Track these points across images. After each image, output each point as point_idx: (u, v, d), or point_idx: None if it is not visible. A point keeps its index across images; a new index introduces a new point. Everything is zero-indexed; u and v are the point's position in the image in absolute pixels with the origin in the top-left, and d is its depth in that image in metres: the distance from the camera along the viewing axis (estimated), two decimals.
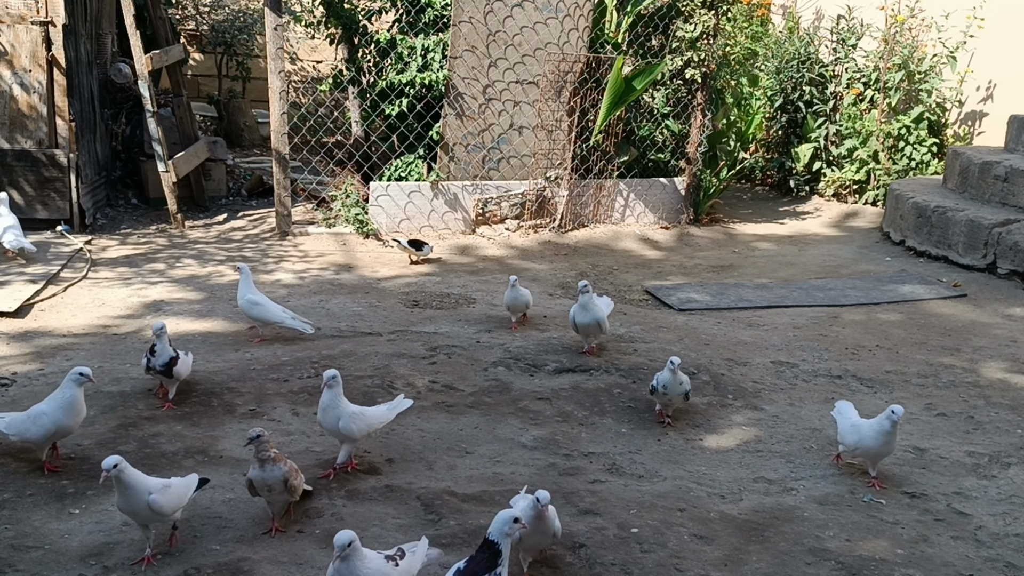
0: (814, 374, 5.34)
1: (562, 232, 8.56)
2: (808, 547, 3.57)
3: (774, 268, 7.73)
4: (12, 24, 7.56)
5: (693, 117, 8.95)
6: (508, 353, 5.40)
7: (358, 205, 8.27)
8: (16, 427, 3.85)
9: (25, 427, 3.83)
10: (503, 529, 2.75)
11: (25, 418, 3.86)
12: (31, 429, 3.82)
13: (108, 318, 5.92)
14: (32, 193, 7.77)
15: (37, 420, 3.83)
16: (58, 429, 3.85)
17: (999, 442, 4.54)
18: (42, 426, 3.82)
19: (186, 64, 10.97)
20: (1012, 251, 7.12)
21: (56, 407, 3.86)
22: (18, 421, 3.87)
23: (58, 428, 3.85)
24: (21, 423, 3.85)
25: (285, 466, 3.41)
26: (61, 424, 3.85)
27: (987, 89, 9.75)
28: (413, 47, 8.48)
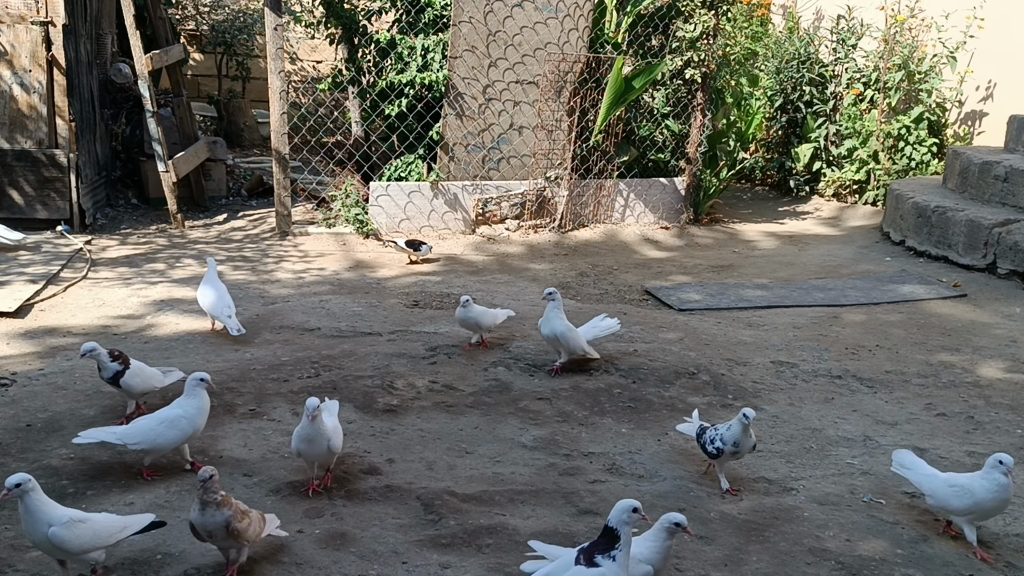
0: (814, 374, 5.34)
1: (562, 232, 8.56)
2: (808, 547, 3.57)
3: (774, 268, 7.73)
4: (12, 24, 7.56)
5: (693, 117, 8.95)
6: (508, 353, 5.40)
7: (358, 205, 8.27)
8: (141, 435, 3.83)
9: (158, 433, 3.83)
10: (622, 517, 2.88)
11: (156, 424, 3.85)
12: (166, 434, 3.83)
13: (108, 318, 5.92)
14: (32, 193, 7.77)
15: (176, 424, 3.85)
16: (193, 432, 3.92)
17: (999, 442, 4.54)
18: (181, 430, 3.86)
19: (186, 64, 10.98)
20: (1012, 251, 7.12)
21: (194, 411, 3.91)
22: (145, 429, 3.85)
23: (194, 431, 3.92)
24: (152, 431, 3.83)
25: (229, 510, 3.11)
26: (197, 427, 3.93)
27: (987, 89, 9.75)
28: (413, 47, 8.48)
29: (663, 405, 4.86)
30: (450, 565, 3.35)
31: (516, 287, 7.01)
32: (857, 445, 4.47)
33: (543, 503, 3.82)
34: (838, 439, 4.53)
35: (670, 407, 4.84)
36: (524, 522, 3.67)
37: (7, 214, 7.75)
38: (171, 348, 5.40)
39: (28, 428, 4.29)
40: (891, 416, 4.81)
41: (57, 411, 4.46)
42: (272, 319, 5.97)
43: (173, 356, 5.27)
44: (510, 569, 3.35)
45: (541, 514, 3.73)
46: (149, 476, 3.89)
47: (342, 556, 3.35)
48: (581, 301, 6.73)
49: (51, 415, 4.42)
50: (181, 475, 3.93)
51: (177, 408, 3.92)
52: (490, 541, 3.52)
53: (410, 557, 3.38)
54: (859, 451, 4.41)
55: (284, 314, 6.08)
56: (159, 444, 3.83)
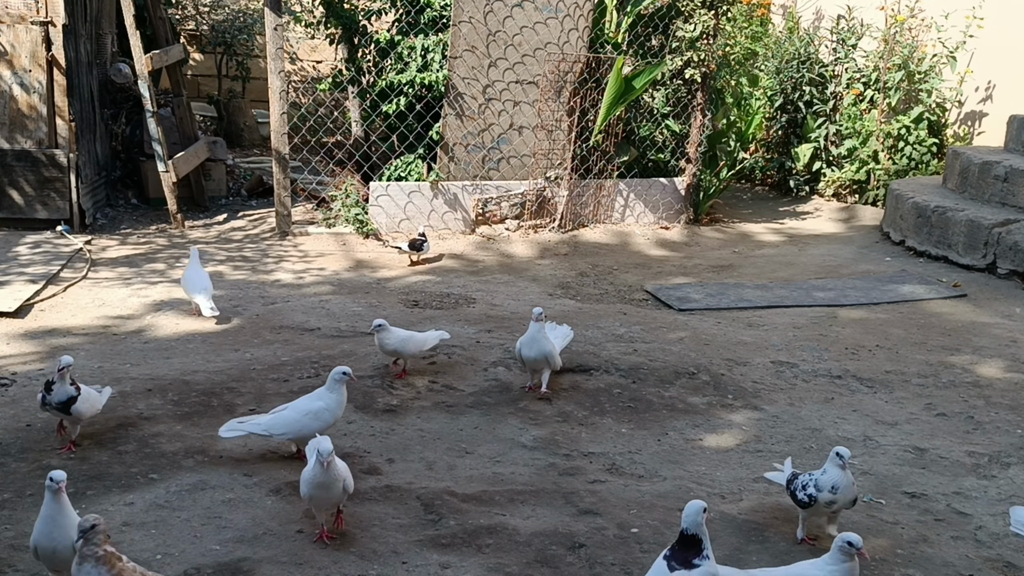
0: (814, 374, 5.34)
1: (562, 232, 8.56)
2: (808, 547, 3.57)
3: (774, 268, 7.73)
4: (12, 24, 7.55)
5: (693, 117, 8.95)
6: (508, 353, 5.40)
7: (358, 205, 8.27)
8: (287, 427, 3.97)
9: (303, 424, 3.95)
10: (696, 520, 2.87)
11: (302, 416, 3.97)
12: (310, 425, 3.94)
13: (108, 318, 5.92)
14: (32, 193, 7.77)
15: (319, 416, 3.97)
16: (334, 421, 4.05)
17: (999, 442, 4.54)
18: (324, 421, 3.99)
19: (186, 64, 10.97)
20: (1012, 251, 7.11)
21: (335, 405, 4.03)
22: (290, 421, 3.97)
23: (334, 420, 4.05)
24: (297, 422, 3.96)
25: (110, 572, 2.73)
26: (337, 419, 4.07)
27: (987, 89, 9.75)
28: (413, 47, 8.48)
29: (663, 405, 4.86)
30: (450, 565, 3.35)
31: (516, 287, 7.02)
32: (857, 445, 4.47)
33: (543, 503, 3.82)
34: (838, 439, 4.53)
35: (670, 407, 4.84)
36: (524, 522, 3.67)
37: (7, 214, 7.75)
38: (171, 348, 5.40)
39: (28, 428, 4.29)
40: (891, 416, 4.82)
41: None
42: (272, 319, 5.97)
43: (173, 356, 5.27)
44: (510, 569, 3.35)
45: (541, 514, 3.74)
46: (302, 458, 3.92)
47: (342, 556, 3.35)
48: (581, 301, 6.74)
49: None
50: (181, 475, 3.94)
51: (319, 400, 4.03)
52: (490, 541, 3.52)
53: (410, 557, 3.38)
54: (859, 451, 4.41)
55: (284, 314, 6.08)
56: (304, 434, 3.93)
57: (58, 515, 2.97)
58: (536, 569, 3.36)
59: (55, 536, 2.97)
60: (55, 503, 2.98)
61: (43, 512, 3.00)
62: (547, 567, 3.38)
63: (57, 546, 2.97)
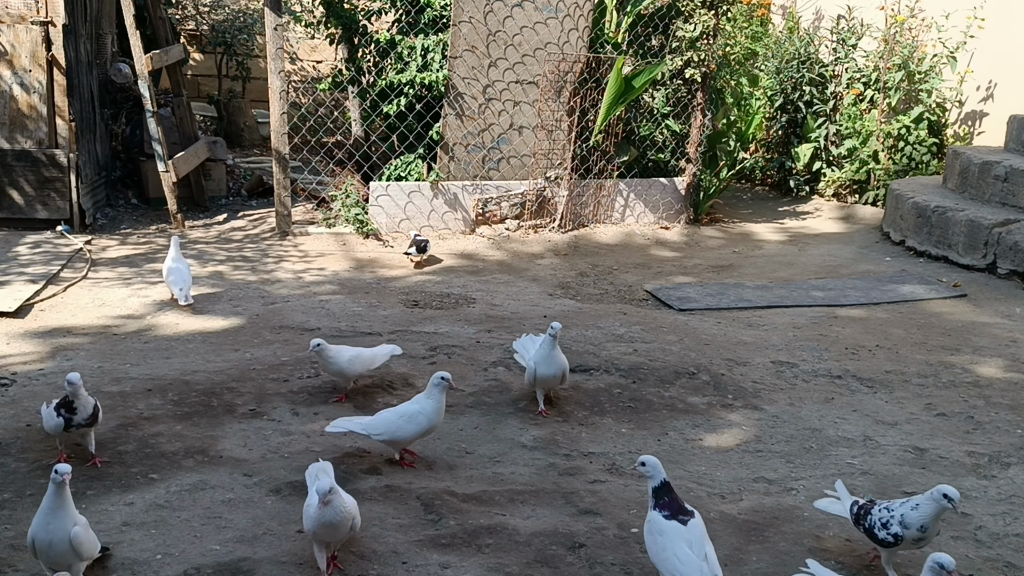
0: (814, 374, 5.34)
1: (562, 232, 8.56)
2: (808, 547, 3.57)
3: (774, 268, 7.73)
4: (12, 24, 7.55)
5: (693, 117, 8.95)
6: (508, 353, 5.39)
7: (358, 205, 8.27)
8: (384, 427, 4.01)
9: (397, 426, 3.99)
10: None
11: (397, 418, 4.01)
12: (405, 428, 3.99)
13: (108, 318, 5.92)
14: (32, 193, 7.77)
15: (414, 419, 4.00)
16: (429, 428, 4.05)
17: (999, 442, 4.54)
18: (419, 425, 4.00)
19: (186, 64, 10.97)
20: (1012, 251, 7.11)
21: (432, 409, 4.03)
22: (387, 422, 4.02)
23: (430, 427, 4.05)
24: (393, 423, 4.00)
25: None
26: (433, 424, 4.06)
27: (987, 89, 9.75)
28: (413, 47, 8.48)
29: (663, 405, 4.86)
30: (450, 565, 3.35)
31: (516, 287, 7.02)
32: (857, 445, 4.47)
33: (543, 503, 3.82)
34: (838, 439, 4.53)
35: (670, 407, 4.84)
36: (524, 522, 3.67)
37: (7, 214, 7.75)
38: (171, 348, 5.40)
39: (28, 428, 4.29)
40: (891, 416, 4.82)
41: None
42: (272, 319, 5.98)
43: (173, 356, 5.27)
44: (510, 569, 3.35)
45: (541, 514, 3.74)
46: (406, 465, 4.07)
47: (342, 556, 3.35)
48: (581, 301, 6.74)
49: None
50: (181, 475, 3.94)
51: (416, 405, 4.06)
52: (490, 541, 3.52)
53: (410, 557, 3.38)
54: (859, 451, 4.41)
55: (284, 314, 6.08)
56: (399, 436, 4.00)
57: (58, 508, 2.99)
58: (536, 569, 3.36)
59: (52, 529, 2.98)
60: (57, 496, 3.00)
61: (43, 504, 3.02)
62: (547, 567, 3.38)
63: (53, 539, 2.98)
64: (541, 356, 4.60)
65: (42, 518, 3.01)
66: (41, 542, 3.00)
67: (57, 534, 2.98)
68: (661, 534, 3.10)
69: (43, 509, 3.02)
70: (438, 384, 4.05)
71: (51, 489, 3.01)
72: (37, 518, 3.03)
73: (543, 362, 4.59)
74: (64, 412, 3.90)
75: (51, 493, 3.01)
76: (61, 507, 3.00)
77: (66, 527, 2.98)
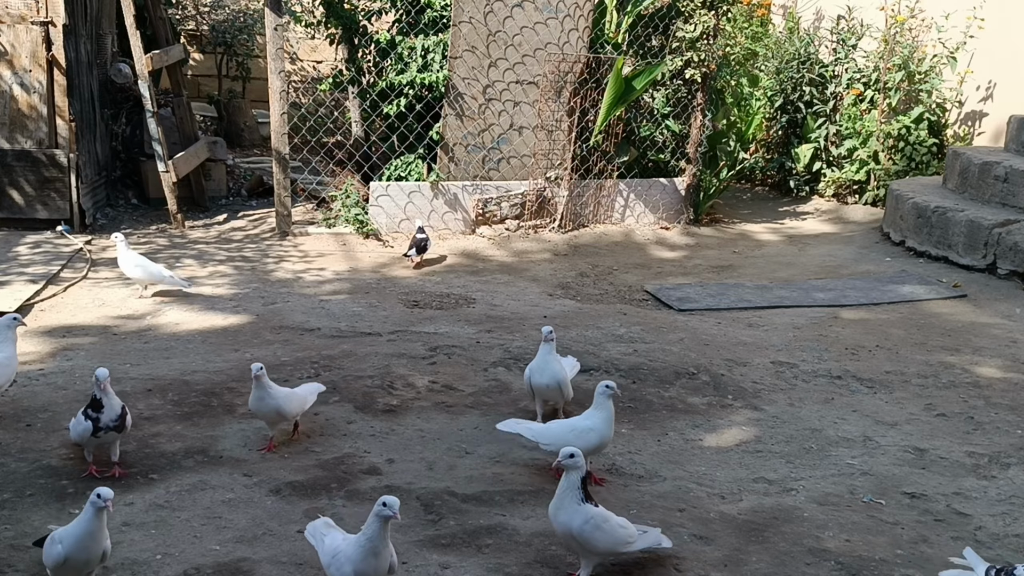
0: (814, 374, 5.34)
1: (562, 232, 8.56)
2: (808, 547, 3.57)
3: (774, 268, 7.73)
4: (12, 24, 7.56)
5: (693, 117, 8.95)
6: (508, 353, 5.40)
7: (358, 205, 8.27)
8: (553, 438, 3.88)
9: (565, 440, 3.77)
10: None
11: (568, 432, 3.88)
12: (573, 443, 3.67)
13: (108, 318, 5.92)
14: (32, 193, 7.77)
15: (583, 435, 3.85)
16: (600, 444, 3.92)
17: (999, 442, 4.54)
18: (588, 442, 3.83)
19: (186, 64, 10.97)
20: (1012, 251, 7.11)
21: (602, 424, 3.90)
22: (558, 435, 3.89)
23: (601, 443, 3.92)
24: (563, 437, 3.83)
25: None
26: (605, 440, 3.93)
27: (987, 89, 9.75)
28: (413, 47, 8.48)
29: (663, 405, 4.86)
30: (450, 565, 3.35)
31: (516, 287, 7.02)
32: (857, 445, 4.47)
33: (543, 503, 3.81)
34: (838, 439, 4.53)
35: (670, 407, 4.84)
36: (524, 522, 3.67)
37: (7, 214, 7.75)
38: (171, 348, 5.40)
39: (28, 428, 4.30)
40: (891, 416, 4.82)
41: (57, 411, 4.46)
42: (272, 319, 5.98)
43: (173, 356, 5.27)
44: (510, 569, 3.35)
45: (541, 514, 3.73)
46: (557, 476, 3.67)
47: None
48: (581, 301, 6.74)
49: (51, 415, 4.42)
50: (181, 475, 3.94)
51: (587, 420, 3.92)
52: (490, 541, 3.53)
53: (410, 557, 3.38)
54: (859, 451, 4.41)
55: (284, 314, 6.08)
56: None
57: (98, 532, 2.99)
58: (536, 569, 3.36)
59: (92, 551, 3.00)
60: (97, 520, 2.97)
61: (84, 527, 2.97)
62: (547, 567, 3.38)
63: (91, 558, 3.02)
64: (536, 364, 4.39)
65: (84, 541, 2.97)
66: (77, 562, 3.00)
67: (95, 554, 3.02)
68: (606, 520, 3.24)
69: (84, 532, 2.97)
70: (603, 392, 3.88)
71: (91, 512, 2.96)
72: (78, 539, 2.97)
73: (537, 370, 4.38)
74: (91, 412, 3.74)
75: (91, 516, 2.96)
76: (100, 530, 2.99)
77: (104, 548, 3.04)
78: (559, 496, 3.25)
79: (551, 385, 4.37)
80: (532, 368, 4.41)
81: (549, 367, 4.35)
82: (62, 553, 2.97)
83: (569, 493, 3.22)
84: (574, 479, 3.22)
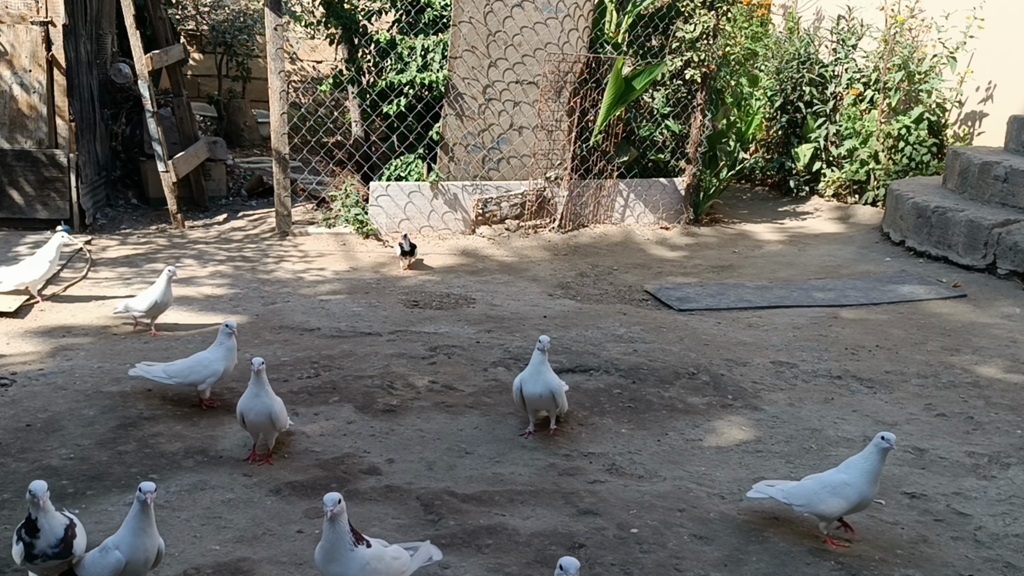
0: (814, 374, 5.34)
1: (562, 232, 8.56)
2: (808, 547, 3.57)
3: (774, 268, 7.73)
4: (12, 24, 7.56)
5: (693, 117, 8.95)
6: (508, 353, 5.40)
7: (358, 205, 8.27)
8: (806, 498, 3.55)
9: (820, 498, 3.52)
10: None
11: (820, 488, 3.54)
12: (829, 501, 3.51)
13: (108, 318, 5.92)
14: (32, 193, 7.77)
15: (838, 491, 3.50)
16: (861, 502, 3.53)
17: (999, 442, 4.54)
18: (846, 497, 3.49)
19: (186, 64, 10.97)
20: (1012, 251, 7.11)
21: (861, 477, 3.51)
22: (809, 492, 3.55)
23: (861, 501, 3.52)
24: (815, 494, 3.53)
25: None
26: (864, 496, 3.52)
27: (987, 89, 9.75)
28: (413, 47, 8.48)
29: (663, 405, 4.86)
30: (450, 565, 3.35)
31: (516, 287, 7.02)
32: (857, 445, 4.47)
33: (543, 503, 3.82)
34: (838, 439, 4.53)
35: (670, 407, 4.84)
36: (524, 522, 3.67)
37: (7, 214, 7.75)
38: (171, 348, 5.40)
39: (28, 428, 4.29)
40: (891, 416, 4.82)
41: (57, 411, 4.46)
42: (272, 319, 5.98)
43: (172, 356, 5.26)
44: (510, 569, 3.35)
45: (541, 514, 3.74)
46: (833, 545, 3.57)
47: None
48: (581, 301, 6.74)
49: (51, 415, 4.42)
50: (181, 475, 3.94)
51: (843, 474, 3.54)
52: (490, 541, 3.53)
53: None
54: (859, 451, 4.41)
55: (284, 314, 6.08)
56: (820, 510, 3.53)
57: (148, 527, 2.97)
58: (536, 569, 3.36)
59: (148, 548, 2.98)
60: (145, 516, 2.96)
61: (134, 525, 2.96)
62: (547, 567, 3.38)
63: (149, 556, 3.00)
64: (528, 374, 4.28)
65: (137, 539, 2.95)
66: (137, 563, 2.97)
67: (151, 552, 2.99)
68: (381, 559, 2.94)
69: (135, 529, 2.95)
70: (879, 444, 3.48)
71: (136, 510, 2.95)
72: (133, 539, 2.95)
73: (529, 380, 4.26)
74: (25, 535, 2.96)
75: (138, 514, 2.96)
76: (150, 524, 2.98)
77: (158, 542, 3.02)
78: (329, 544, 2.90)
79: (543, 395, 4.27)
80: (524, 378, 4.29)
81: (542, 376, 4.25)
82: (121, 559, 2.93)
83: (339, 541, 2.89)
84: (343, 524, 2.88)
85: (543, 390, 4.27)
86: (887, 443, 3.48)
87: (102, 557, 2.97)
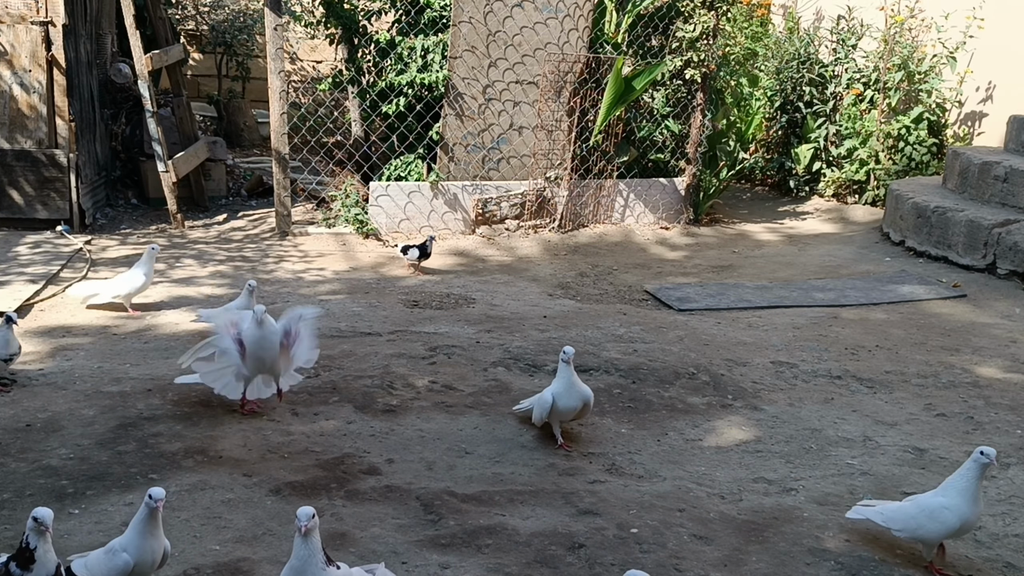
0: (814, 374, 5.34)
1: (562, 232, 8.56)
2: (808, 547, 3.57)
3: (774, 268, 7.73)
4: (12, 24, 7.55)
5: (693, 117, 8.95)
6: (508, 353, 5.40)
7: (358, 205, 8.27)
8: (904, 523, 3.42)
9: (919, 523, 3.38)
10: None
11: (918, 512, 3.40)
12: (926, 525, 3.37)
13: (108, 318, 5.92)
14: (32, 193, 7.77)
15: (936, 516, 3.34)
16: (962, 526, 3.34)
17: (999, 442, 4.54)
18: (943, 522, 3.33)
19: (186, 64, 10.97)
20: (1012, 251, 7.11)
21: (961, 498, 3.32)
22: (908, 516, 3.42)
23: (962, 524, 3.33)
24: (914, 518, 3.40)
25: None
26: (966, 520, 3.33)
27: (987, 89, 9.75)
28: (413, 47, 8.48)
29: (663, 405, 4.86)
30: (450, 565, 3.35)
31: (516, 287, 7.02)
32: (857, 445, 4.47)
33: (543, 503, 3.83)
34: (838, 439, 4.53)
35: (670, 407, 4.84)
36: (524, 522, 3.67)
37: (7, 214, 7.75)
38: (171, 348, 5.40)
39: (28, 428, 4.29)
40: (891, 416, 4.82)
41: (57, 411, 4.46)
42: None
43: (173, 356, 5.26)
44: (510, 569, 3.35)
45: (541, 514, 3.74)
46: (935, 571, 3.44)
47: (342, 556, 3.35)
48: (581, 301, 6.74)
49: (51, 415, 4.42)
50: (181, 475, 3.94)
51: (941, 497, 3.38)
52: (490, 541, 3.53)
53: (410, 557, 3.39)
54: (859, 451, 4.41)
55: None
56: (919, 535, 3.41)
57: (155, 529, 2.98)
58: (536, 569, 3.36)
59: (155, 550, 3.00)
60: (153, 521, 2.96)
61: (142, 527, 2.96)
62: (547, 567, 3.38)
63: (156, 559, 3.01)
64: (560, 388, 4.19)
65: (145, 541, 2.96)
66: (144, 564, 2.98)
67: (158, 555, 3.01)
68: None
69: (142, 532, 2.95)
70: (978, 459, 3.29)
71: (144, 514, 2.96)
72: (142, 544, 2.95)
73: (563, 394, 4.18)
74: (15, 568, 2.70)
75: (146, 518, 2.96)
76: (158, 529, 2.98)
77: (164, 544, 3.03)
78: (300, 563, 2.80)
79: (577, 407, 4.22)
80: (557, 392, 4.19)
81: (576, 389, 4.20)
82: (129, 561, 2.94)
83: (311, 558, 2.80)
84: (316, 542, 2.81)
85: (577, 403, 4.22)
86: (986, 458, 3.26)
87: (109, 559, 2.96)
